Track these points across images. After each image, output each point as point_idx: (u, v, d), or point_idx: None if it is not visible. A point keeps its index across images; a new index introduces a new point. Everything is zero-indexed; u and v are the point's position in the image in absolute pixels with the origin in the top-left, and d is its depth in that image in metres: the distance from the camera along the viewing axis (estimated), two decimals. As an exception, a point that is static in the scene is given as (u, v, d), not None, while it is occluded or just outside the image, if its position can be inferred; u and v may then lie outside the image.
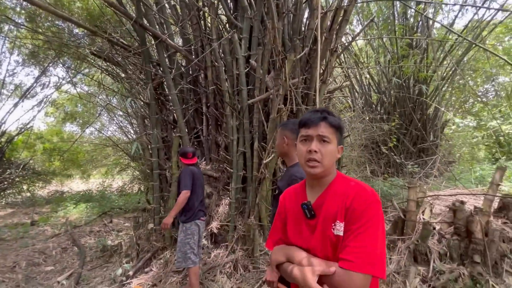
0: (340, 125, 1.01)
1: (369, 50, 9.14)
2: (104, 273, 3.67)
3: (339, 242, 0.90)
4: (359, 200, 0.90)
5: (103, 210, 7.68)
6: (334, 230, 0.92)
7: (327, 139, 0.98)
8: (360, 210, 0.88)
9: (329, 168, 0.99)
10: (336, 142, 1.00)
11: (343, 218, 0.91)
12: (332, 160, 0.99)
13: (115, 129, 12.92)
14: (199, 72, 4.11)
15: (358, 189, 0.93)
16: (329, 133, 0.98)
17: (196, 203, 2.75)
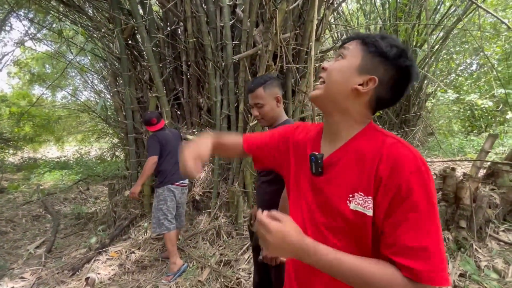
0: (378, 44, 0.67)
1: (360, 15, 8.71)
2: (78, 241, 3.48)
3: (359, 221, 0.64)
4: (406, 169, 0.59)
5: (80, 177, 7.33)
6: (351, 203, 0.65)
7: (342, 52, 0.72)
8: (410, 185, 0.58)
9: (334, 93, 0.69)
10: (354, 61, 0.69)
11: (372, 191, 0.63)
12: (339, 83, 0.68)
13: (90, 94, 12.03)
14: (178, 25, 3.63)
15: (399, 150, 0.62)
16: (352, 46, 0.72)
17: (168, 167, 2.55)
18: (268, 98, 1.40)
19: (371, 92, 0.67)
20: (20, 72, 11.64)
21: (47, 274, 2.74)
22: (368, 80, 0.66)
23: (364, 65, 0.67)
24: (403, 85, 0.67)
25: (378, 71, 0.66)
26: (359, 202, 0.64)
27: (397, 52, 0.65)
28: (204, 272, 2.41)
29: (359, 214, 0.64)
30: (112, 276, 2.61)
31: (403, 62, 0.65)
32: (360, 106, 0.69)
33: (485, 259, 2.00)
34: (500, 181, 2.35)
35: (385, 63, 0.66)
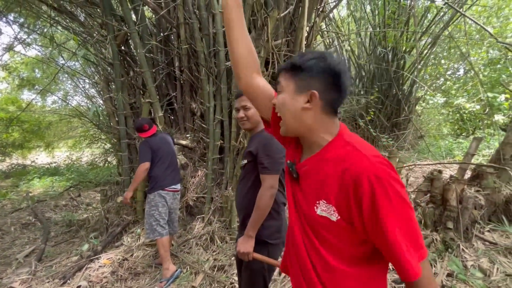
0: (296, 64, 0.76)
1: (351, 22, 8.90)
2: (70, 249, 3.42)
3: (325, 224, 0.72)
4: (364, 181, 0.64)
5: (71, 184, 7.21)
6: (317, 209, 0.73)
7: (279, 85, 0.80)
8: (372, 198, 0.63)
9: (291, 125, 0.77)
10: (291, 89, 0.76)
11: (332, 200, 0.70)
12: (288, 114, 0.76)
13: (81, 99, 11.89)
14: (171, 31, 3.66)
15: (359, 163, 0.66)
16: (283, 79, 0.79)
17: (159, 173, 2.57)
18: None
19: (320, 102, 0.73)
20: (9, 76, 11.45)
21: (37, 283, 2.70)
22: (310, 96, 0.73)
23: (299, 86, 0.74)
24: (338, 80, 0.74)
25: (312, 84, 0.73)
26: (323, 208, 0.72)
27: (316, 61, 0.73)
28: (198, 278, 2.41)
29: (326, 219, 0.72)
30: (104, 284, 2.58)
31: (324, 66, 0.73)
32: (317, 116, 0.75)
33: (471, 258, 2.06)
34: (484, 182, 2.43)
35: (312, 75, 0.73)
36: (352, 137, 0.74)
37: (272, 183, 1.40)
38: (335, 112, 0.77)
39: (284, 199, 1.54)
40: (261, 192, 1.40)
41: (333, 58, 0.74)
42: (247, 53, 0.88)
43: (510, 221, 2.33)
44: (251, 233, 1.41)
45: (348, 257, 0.72)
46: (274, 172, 1.41)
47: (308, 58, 0.74)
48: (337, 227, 0.70)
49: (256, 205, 1.41)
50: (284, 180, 1.55)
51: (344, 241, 0.71)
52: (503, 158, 2.46)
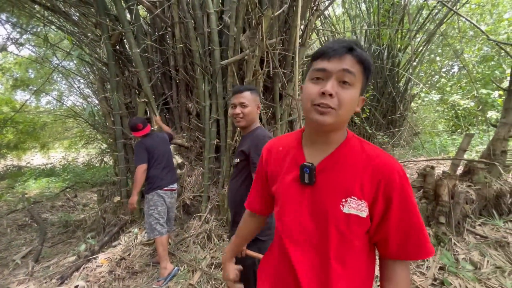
0: (370, 64, 0.72)
1: (346, 19, 8.93)
2: (67, 249, 3.42)
3: (351, 222, 0.72)
4: (396, 177, 0.71)
5: (67, 185, 7.18)
6: (344, 207, 0.72)
7: (349, 79, 0.69)
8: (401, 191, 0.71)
9: (345, 121, 0.73)
10: (359, 87, 0.72)
11: (364, 195, 0.71)
12: (350, 111, 0.72)
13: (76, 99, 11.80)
14: (166, 30, 3.66)
15: (385, 160, 0.72)
16: (355, 71, 0.69)
17: (156, 173, 2.58)
18: (252, 101, 1.56)
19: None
20: (2, 77, 11.32)
21: (35, 283, 2.70)
22: (361, 100, 0.75)
23: (362, 88, 0.73)
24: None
25: (365, 87, 0.75)
26: (353, 205, 0.72)
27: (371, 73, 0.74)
28: (195, 275, 2.43)
29: (352, 217, 0.72)
30: (102, 283, 2.59)
31: (372, 69, 0.75)
32: (349, 118, 0.76)
33: (463, 252, 2.11)
34: (476, 178, 2.48)
35: (367, 77, 0.73)
36: (360, 138, 0.79)
37: None
38: None
39: None
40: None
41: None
42: (256, 227, 1.09)
43: (500, 215, 2.39)
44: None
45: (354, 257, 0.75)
46: None
47: (371, 62, 0.73)
48: (363, 223, 0.73)
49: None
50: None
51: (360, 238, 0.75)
52: (494, 154, 2.51)
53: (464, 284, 1.84)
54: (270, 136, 1.50)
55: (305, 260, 0.76)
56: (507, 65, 7.93)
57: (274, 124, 3.45)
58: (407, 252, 0.73)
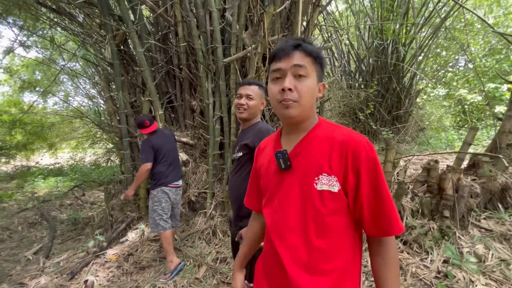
0: (319, 54, 0.79)
1: (349, 15, 8.85)
2: (76, 246, 3.51)
3: (325, 198, 0.75)
4: (362, 149, 0.74)
5: (75, 184, 7.31)
6: (317, 185, 0.75)
7: (302, 72, 0.76)
8: (368, 163, 0.73)
9: (309, 109, 0.80)
10: (315, 76, 0.79)
11: (333, 170, 0.75)
12: (311, 99, 0.79)
13: (82, 100, 11.97)
14: (169, 29, 3.70)
15: (351, 136, 0.76)
16: (306, 63, 0.77)
17: (162, 169, 2.63)
18: (258, 96, 1.58)
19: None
20: (11, 79, 11.53)
21: (46, 279, 2.78)
22: (321, 86, 0.82)
23: (318, 76, 0.80)
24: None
25: (322, 76, 0.82)
26: (324, 182, 0.75)
27: (319, 51, 0.80)
28: (201, 270, 2.47)
29: (325, 193, 0.75)
30: (110, 277, 2.66)
31: (323, 57, 0.81)
32: (314, 105, 0.83)
33: (467, 245, 2.11)
34: (480, 171, 2.47)
35: (321, 65, 0.80)
36: (331, 122, 0.84)
37: None
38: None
39: None
40: None
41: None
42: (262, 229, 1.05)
43: (505, 208, 2.37)
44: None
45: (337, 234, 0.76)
46: None
47: (319, 51, 0.80)
48: (337, 198, 0.75)
49: None
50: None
51: (337, 213, 0.76)
52: (499, 147, 2.49)
53: (468, 277, 1.84)
54: (273, 130, 1.51)
55: (288, 244, 0.79)
56: (515, 58, 7.78)
57: (277, 121, 3.47)
58: (380, 228, 0.74)
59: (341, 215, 0.77)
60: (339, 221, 0.77)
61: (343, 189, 0.75)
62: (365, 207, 0.75)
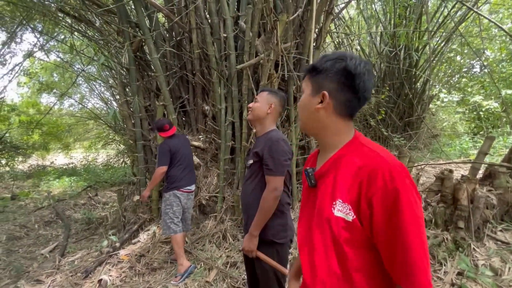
0: (315, 65, 0.79)
1: (361, 20, 8.82)
2: (90, 245, 3.60)
3: (339, 225, 0.69)
4: (377, 176, 0.64)
5: (88, 184, 7.50)
6: (334, 209, 0.71)
7: (302, 91, 0.84)
8: (385, 196, 0.62)
9: (307, 123, 0.82)
10: (309, 90, 0.80)
11: (348, 197, 0.69)
12: (304, 113, 0.82)
13: (96, 102, 12.32)
14: (183, 36, 3.79)
15: (373, 159, 0.67)
16: (304, 81, 0.83)
17: (177, 173, 2.68)
18: (264, 99, 1.61)
19: (331, 102, 0.76)
20: (30, 81, 11.98)
21: (61, 276, 2.87)
22: (322, 97, 0.76)
23: (314, 88, 0.79)
24: (352, 81, 0.73)
25: (324, 85, 0.76)
26: (339, 208, 0.70)
27: (332, 62, 0.75)
28: (212, 273, 2.50)
29: (341, 220, 0.69)
30: (123, 278, 2.72)
31: (338, 66, 0.74)
32: (329, 117, 0.77)
33: (483, 258, 2.06)
34: (497, 182, 2.42)
35: (325, 77, 0.76)
36: (367, 141, 0.75)
37: (277, 185, 1.44)
38: (349, 115, 0.78)
39: (288, 199, 1.57)
40: (265, 194, 1.45)
41: (353, 59, 0.74)
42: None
43: (523, 221, 2.31)
44: (255, 232, 1.47)
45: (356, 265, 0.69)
46: (278, 174, 1.45)
47: (325, 60, 0.77)
48: (351, 228, 0.68)
49: (260, 207, 1.46)
50: (290, 181, 1.62)
51: (357, 245, 0.68)
52: (517, 158, 2.44)
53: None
54: (284, 139, 1.52)
55: (308, 261, 0.78)
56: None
57: (288, 127, 3.49)
58: (395, 273, 0.64)
59: (362, 247, 0.68)
60: (360, 254, 0.69)
61: (359, 219, 0.68)
62: (380, 246, 0.66)
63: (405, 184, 0.63)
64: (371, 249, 0.68)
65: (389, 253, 0.64)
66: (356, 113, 0.79)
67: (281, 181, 1.46)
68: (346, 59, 0.74)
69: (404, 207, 0.61)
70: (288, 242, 1.57)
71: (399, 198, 0.61)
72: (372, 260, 0.68)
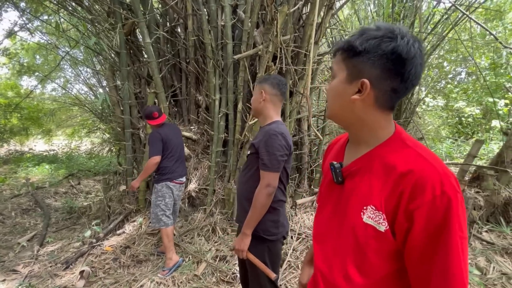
0: (352, 45, 0.61)
1: (355, 20, 8.86)
2: (71, 235, 3.45)
3: (368, 234, 0.61)
4: (426, 189, 0.54)
5: (70, 172, 7.21)
6: (364, 215, 0.62)
7: (333, 74, 0.68)
8: (431, 210, 0.53)
9: (337, 113, 0.68)
10: (344, 75, 0.64)
11: (383, 205, 0.59)
12: (334, 102, 0.67)
13: (81, 88, 11.83)
14: (178, 22, 3.65)
15: (420, 166, 0.56)
16: (336, 63, 0.66)
17: (169, 164, 2.56)
18: (256, 91, 1.56)
19: (372, 93, 0.61)
20: (9, 62, 11.34)
21: (40, 267, 2.73)
22: (360, 85, 0.62)
23: (350, 73, 0.63)
24: (402, 67, 0.59)
25: (364, 71, 0.61)
26: (370, 215, 0.61)
27: (375, 42, 0.59)
28: (200, 267, 2.45)
29: (370, 228, 0.61)
30: (107, 269, 2.62)
31: (385, 48, 0.58)
32: (368, 109, 0.64)
33: (469, 257, 2.12)
34: (484, 184, 2.48)
35: (366, 60, 0.60)
36: (411, 140, 0.64)
37: (270, 181, 1.38)
38: (391, 107, 0.64)
39: (282, 197, 1.52)
40: (258, 190, 1.39)
41: (404, 38, 0.58)
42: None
43: (508, 222, 2.39)
44: (247, 231, 1.41)
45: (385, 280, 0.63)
46: (273, 170, 1.38)
47: (367, 38, 0.60)
48: (382, 238, 0.60)
49: (252, 204, 1.40)
50: (287, 178, 1.57)
51: (384, 255, 0.61)
52: (506, 161, 2.51)
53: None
54: (282, 133, 1.43)
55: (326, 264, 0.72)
56: (515, 73, 7.87)
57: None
58: None
59: (391, 260, 0.61)
60: (388, 267, 0.62)
61: (392, 231, 0.59)
62: (410, 264, 0.58)
63: (457, 200, 0.53)
64: (399, 260, 0.61)
65: (422, 273, 0.56)
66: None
67: (275, 178, 1.40)
68: (395, 38, 0.58)
69: (453, 228, 0.52)
70: (280, 239, 1.53)
71: (449, 218, 0.52)
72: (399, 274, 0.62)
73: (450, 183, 0.54)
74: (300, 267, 1.04)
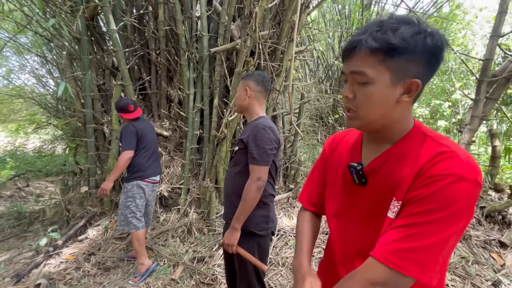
0: (392, 45, 0.55)
1: (321, 23, 9.17)
2: (21, 244, 3.04)
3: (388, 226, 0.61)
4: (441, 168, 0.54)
5: (16, 173, 6.38)
6: (392, 213, 0.60)
7: (361, 79, 0.59)
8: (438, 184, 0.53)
9: (374, 121, 0.62)
10: (387, 78, 0.57)
11: (405, 197, 0.58)
12: (375, 110, 0.60)
13: (28, 78, 10.55)
14: (147, 10, 3.40)
15: (444, 152, 0.56)
16: (367, 66, 0.58)
17: (142, 161, 2.35)
18: (240, 88, 1.54)
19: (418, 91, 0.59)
20: None
21: (-17, 283, 2.35)
22: (409, 85, 0.58)
23: (395, 75, 0.57)
24: (440, 59, 0.59)
25: (411, 70, 0.57)
26: (393, 209, 0.60)
27: (418, 38, 0.55)
28: (177, 270, 2.31)
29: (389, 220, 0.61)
30: (68, 280, 2.35)
31: (429, 42, 0.56)
32: (408, 109, 0.63)
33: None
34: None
35: (411, 58, 0.56)
36: (431, 131, 0.63)
37: (260, 175, 1.38)
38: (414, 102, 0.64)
39: (272, 191, 1.52)
40: (248, 184, 1.38)
41: (433, 29, 0.57)
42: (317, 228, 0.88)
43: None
44: (237, 225, 1.39)
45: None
46: (263, 164, 1.38)
47: (407, 34, 0.55)
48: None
49: (242, 197, 1.39)
50: (276, 172, 1.55)
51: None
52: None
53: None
54: (270, 127, 1.44)
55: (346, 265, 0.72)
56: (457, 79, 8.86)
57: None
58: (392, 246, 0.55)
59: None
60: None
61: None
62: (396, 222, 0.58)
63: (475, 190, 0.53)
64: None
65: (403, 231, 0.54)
66: None
67: (265, 171, 1.40)
68: (431, 31, 0.56)
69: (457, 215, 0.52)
70: (269, 234, 1.52)
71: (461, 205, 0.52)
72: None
73: (473, 171, 0.54)
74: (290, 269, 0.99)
